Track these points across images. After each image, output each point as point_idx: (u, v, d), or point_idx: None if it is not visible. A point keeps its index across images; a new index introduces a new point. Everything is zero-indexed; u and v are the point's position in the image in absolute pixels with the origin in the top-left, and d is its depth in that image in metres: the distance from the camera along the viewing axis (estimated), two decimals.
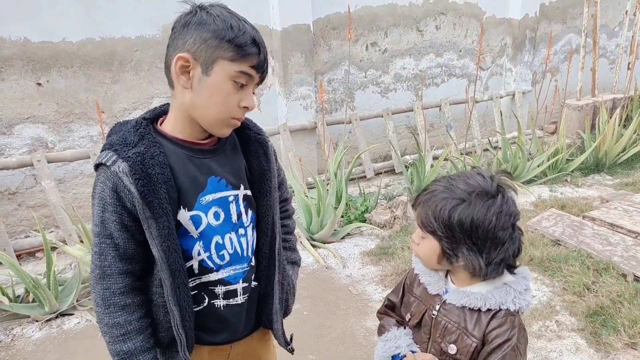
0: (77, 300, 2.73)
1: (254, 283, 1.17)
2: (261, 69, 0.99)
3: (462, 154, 4.31)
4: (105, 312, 1.02)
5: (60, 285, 2.75)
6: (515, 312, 1.05)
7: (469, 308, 1.06)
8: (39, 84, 3.34)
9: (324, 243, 3.36)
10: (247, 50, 0.96)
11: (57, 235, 3.32)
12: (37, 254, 3.34)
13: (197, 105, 1.00)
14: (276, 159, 1.21)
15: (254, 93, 1.04)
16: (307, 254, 3.24)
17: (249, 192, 1.13)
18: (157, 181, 0.96)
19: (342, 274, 3.03)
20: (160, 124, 1.07)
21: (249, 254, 1.14)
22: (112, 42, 3.50)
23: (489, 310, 1.04)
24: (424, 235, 1.08)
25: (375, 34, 4.66)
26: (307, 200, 3.37)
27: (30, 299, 2.71)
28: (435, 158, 4.41)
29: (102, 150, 1.00)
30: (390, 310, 1.26)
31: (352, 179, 4.21)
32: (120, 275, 1.01)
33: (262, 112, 4.25)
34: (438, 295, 1.12)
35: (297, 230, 3.46)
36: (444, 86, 5.23)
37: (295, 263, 1.34)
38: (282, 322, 1.22)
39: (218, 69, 0.96)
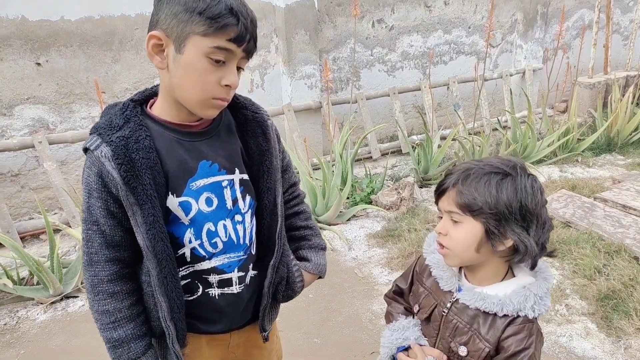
0: (81, 283, 2.71)
1: (252, 272, 1.12)
2: (241, 40, 0.89)
3: (470, 133, 4.22)
4: (95, 300, 0.99)
5: (64, 268, 2.74)
6: (534, 318, 0.97)
7: (484, 311, 0.99)
8: (38, 64, 3.28)
9: (330, 225, 3.32)
10: (222, 21, 0.86)
11: (61, 217, 3.30)
12: (41, 236, 3.33)
13: (175, 86, 0.93)
14: (279, 140, 1.14)
15: (241, 69, 0.96)
16: None
17: (245, 177, 1.06)
18: (141, 166, 0.91)
19: (348, 257, 2.99)
20: (151, 107, 1.01)
21: (246, 241, 1.08)
22: (111, 21, 3.41)
23: (505, 315, 0.97)
24: (458, 220, 0.97)
25: (382, 10, 4.53)
26: (312, 182, 3.32)
27: (35, 282, 2.70)
28: (442, 138, 4.33)
29: (90, 134, 0.95)
30: (399, 296, 1.20)
31: (357, 160, 4.15)
32: (107, 262, 0.98)
33: (266, 92, 4.17)
34: (450, 292, 1.05)
35: None
36: (453, 64, 5.10)
37: (321, 247, 1.28)
38: (268, 307, 1.16)
39: (191, 45, 0.88)
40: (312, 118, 4.28)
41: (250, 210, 1.08)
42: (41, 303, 2.62)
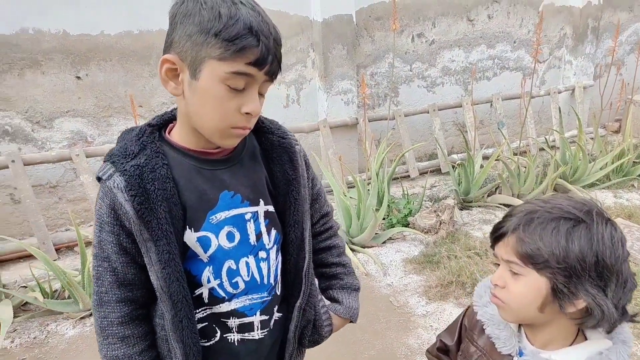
0: None
1: (277, 315, 1.00)
2: (262, 63, 0.79)
3: (515, 154, 4.00)
4: (104, 343, 0.91)
5: None
6: None
7: None
8: (78, 78, 3.32)
9: (364, 247, 3.18)
10: (240, 43, 0.76)
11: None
12: (75, 248, 3.33)
13: (192, 114, 0.84)
14: (308, 166, 1.04)
15: (262, 95, 0.86)
16: None
17: (271, 208, 0.96)
18: (157, 198, 0.83)
19: (383, 283, 2.84)
20: (170, 131, 0.93)
21: (270, 281, 0.97)
22: (149, 35, 3.43)
23: None
24: (518, 272, 0.83)
25: (422, 24, 4.40)
26: (346, 202, 3.19)
27: (66, 295, 2.68)
28: (485, 158, 4.12)
29: (104, 162, 0.86)
30: (444, 354, 1.05)
31: (394, 179, 3.99)
32: (118, 303, 0.89)
33: (301, 107, 4.10)
34: (509, 355, 0.89)
35: None
36: (496, 80, 4.89)
37: (354, 288, 1.16)
38: (294, 354, 1.05)
39: (207, 71, 0.79)
40: (348, 134, 4.17)
41: (275, 246, 0.97)
42: (71, 318, 2.59)
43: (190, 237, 0.88)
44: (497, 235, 0.87)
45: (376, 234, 3.25)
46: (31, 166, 3.12)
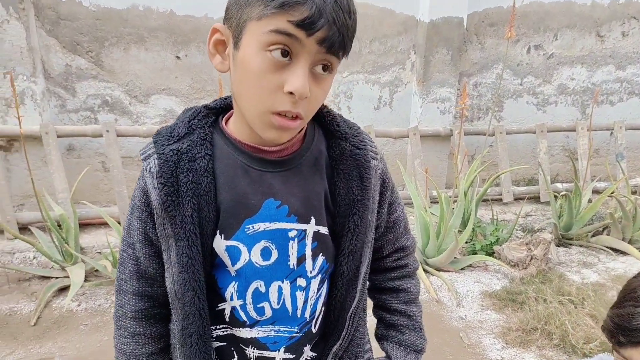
0: None
1: (310, 354, 0.83)
2: (312, 26, 0.61)
3: (633, 192, 3.45)
4: (117, 333, 0.83)
5: None
6: None
7: None
8: (178, 57, 3.39)
9: (439, 271, 2.90)
10: None
11: None
12: None
13: (236, 95, 0.71)
14: (386, 187, 0.83)
15: (320, 75, 0.66)
16: None
17: (324, 230, 0.77)
18: (187, 192, 0.70)
19: (455, 314, 2.55)
20: (228, 119, 0.79)
21: (305, 315, 0.79)
22: None
23: None
24: None
25: (542, 35, 3.96)
26: (426, 218, 2.93)
27: None
28: (596, 192, 3.62)
29: (152, 138, 0.76)
30: None
31: (484, 200, 3.64)
32: (135, 296, 0.79)
33: (393, 111, 3.87)
34: None
35: None
36: (621, 106, 4.29)
37: (416, 350, 0.93)
38: None
39: (247, 36, 0.64)
40: (438, 146, 3.88)
41: (320, 276, 0.79)
42: None
43: (220, 244, 0.74)
44: (631, 337, 0.62)
45: (455, 258, 2.96)
46: (123, 138, 3.24)
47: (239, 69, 0.67)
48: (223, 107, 0.80)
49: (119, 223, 2.79)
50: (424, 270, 2.89)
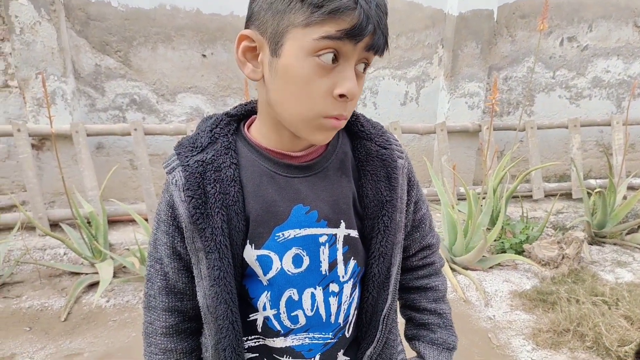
0: None
1: (344, 358, 0.82)
2: (360, 33, 0.61)
3: None
4: (147, 350, 0.82)
5: None
6: None
7: None
8: (204, 56, 3.41)
9: (466, 269, 2.84)
10: (330, 4, 0.59)
11: None
12: None
13: (273, 103, 0.68)
14: (412, 185, 0.83)
15: (361, 74, 0.67)
16: None
17: (354, 233, 0.76)
18: (215, 203, 0.69)
19: (483, 314, 2.49)
20: (250, 126, 0.78)
21: (339, 321, 0.78)
22: None
23: None
24: None
25: (576, 27, 3.82)
26: (453, 215, 2.87)
27: None
28: (631, 188, 3.48)
29: (174, 149, 0.75)
30: None
31: (513, 197, 3.54)
32: (165, 311, 0.78)
33: (420, 107, 3.81)
34: None
35: None
36: None
37: (448, 347, 0.91)
38: None
39: (290, 43, 0.62)
40: (466, 142, 3.79)
41: (352, 280, 0.78)
42: None
43: (250, 254, 0.73)
44: None
45: (483, 256, 2.89)
46: (151, 136, 3.29)
47: (280, 76, 0.65)
48: (244, 114, 0.79)
49: (147, 220, 2.83)
50: (451, 268, 2.84)
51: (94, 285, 2.63)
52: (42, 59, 3.00)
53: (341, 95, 0.64)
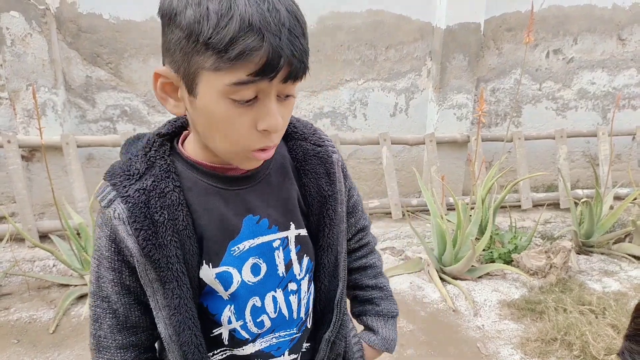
0: None
1: (305, 345, 0.85)
2: (271, 70, 0.58)
3: None
4: None
5: None
6: None
7: None
8: None
9: (455, 279, 2.86)
10: (236, 49, 0.56)
11: None
12: None
13: (201, 135, 0.69)
14: (346, 176, 0.87)
15: (288, 97, 0.66)
16: (432, 289, 2.79)
17: (303, 232, 0.79)
18: (166, 231, 0.68)
19: (472, 324, 2.51)
20: (183, 141, 0.77)
21: (301, 315, 0.81)
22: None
23: None
24: None
25: (561, 39, 3.90)
26: (442, 225, 2.90)
27: None
28: (617, 198, 3.53)
29: (103, 179, 0.72)
30: None
31: (502, 207, 3.58)
32: (119, 349, 0.76)
33: (409, 118, 3.85)
34: None
35: (425, 257, 3.02)
36: None
37: (391, 315, 0.99)
38: None
39: (204, 84, 0.61)
40: (455, 152, 3.84)
41: (307, 276, 0.81)
42: None
43: (208, 273, 0.73)
44: None
45: (472, 266, 2.92)
46: None
47: (201, 114, 0.65)
48: (175, 132, 0.77)
49: None
50: (441, 278, 2.86)
51: (83, 297, 2.61)
52: (32, 71, 3.00)
53: (265, 130, 0.64)
